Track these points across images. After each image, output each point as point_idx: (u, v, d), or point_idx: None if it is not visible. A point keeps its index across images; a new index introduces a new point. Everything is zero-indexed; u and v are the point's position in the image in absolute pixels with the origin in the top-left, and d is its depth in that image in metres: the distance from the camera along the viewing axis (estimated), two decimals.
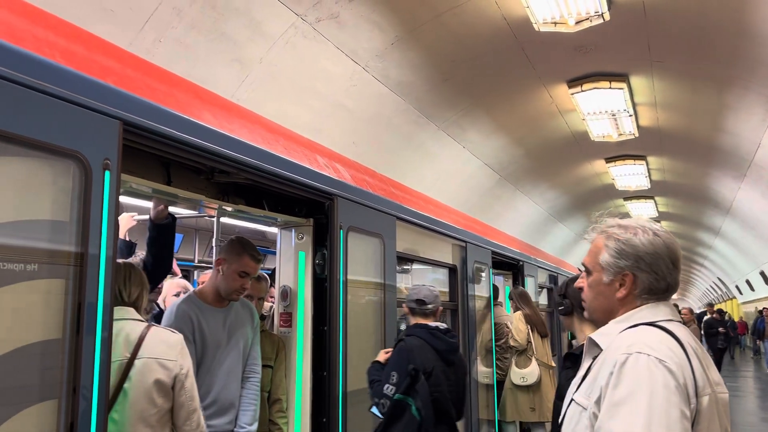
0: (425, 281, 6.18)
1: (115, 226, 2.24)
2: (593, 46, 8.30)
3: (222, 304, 3.51)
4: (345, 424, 3.63)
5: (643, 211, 18.61)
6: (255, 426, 3.47)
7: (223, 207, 3.49)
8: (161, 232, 3.62)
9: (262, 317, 3.99)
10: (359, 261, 3.95)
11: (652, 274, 1.90)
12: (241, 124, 3.16)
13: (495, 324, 7.13)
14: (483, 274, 6.42)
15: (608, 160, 13.23)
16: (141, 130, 2.39)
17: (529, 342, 6.95)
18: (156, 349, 2.70)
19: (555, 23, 7.56)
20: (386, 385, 3.49)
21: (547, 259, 10.52)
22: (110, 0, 4.82)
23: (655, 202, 17.34)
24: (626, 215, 17.02)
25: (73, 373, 2.07)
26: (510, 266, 7.99)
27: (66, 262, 2.09)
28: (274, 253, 4.02)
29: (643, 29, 7.76)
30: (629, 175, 14.19)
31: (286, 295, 3.82)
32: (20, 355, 1.96)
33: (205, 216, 4.04)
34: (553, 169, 13.78)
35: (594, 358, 1.89)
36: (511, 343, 7.04)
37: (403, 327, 4.76)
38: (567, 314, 3.18)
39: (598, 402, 1.72)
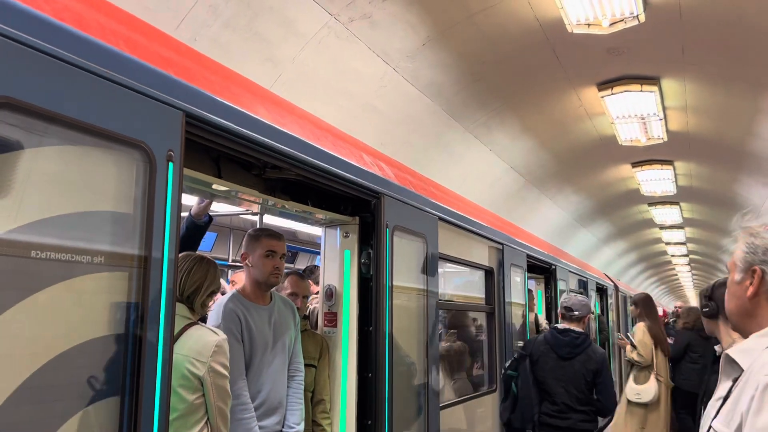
0: (461, 282, 6.11)
1: (177, 219, 2.19)
2: (626, 49, 8.19)
3: (265, 300, 3.45)
4: (391, 427, 3.56)
5: (667, 218, 18.38)
6: (302, 425, 3.41)
7: (276, 202, 3.41)
8: (195, 231, 3.58)
9: (305, 317, 3.93)
10: (404, 261, 3.89)
11: None
12: (292, 120, 3.11)
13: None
14: (519, 278, 6.32)
15: (635, 164, 13.08)
16: (202, 122, 2.34)
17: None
18: (188, 348, 2.70)
19: (589, 24, 7.47)
20: (506, 363, 4.97)
21: (575, 263, 10.40)
22: None
23: (680, 207, 17.11)
24: None
25: (137, 370, 2.02)
26: (542, 270, 7.88)
27: (130, 255, 2.05)
28: (305, 251, 3.97)
29: (678, 31, 7.63)
30: (655, 181, 14.01)
31: (331, 294, 3.76)
32: (83, 350, 1.91)
33: (248, 213, 4.00)
34: (578, 173, 13.64)
35: (734, 380, 1.70)
36: (635, 358, 6.50)
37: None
38: (711, 317, 3.22)
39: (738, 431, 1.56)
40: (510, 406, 4.72)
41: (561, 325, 4.86)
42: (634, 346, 6.63)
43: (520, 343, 5.25)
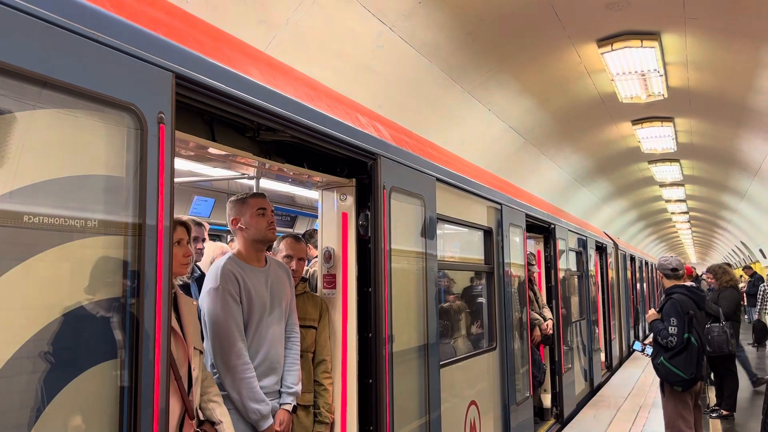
0: (460, 243, 6.12)
1: (171, 183, 2.17)
2: (626, 3, 8.04)
3: (261, 263, 3.47)
4: (392, 385, 3.60)
5: (667, 175, 18.32)
6: (300, 386, 3.46)
7: (271, 165, 3.38)
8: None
9: (304, 279, 3.94)
10: (402, 222, 3.88)
11: None
12: (286, 81, 3.07)
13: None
14: (518, 238, 6.33)
15: (635, 122, 12.97)
16: (193, 84, 2.31)
17: None
18: None
19: None
20: (669, 327, 5.36)
21: (575, 222, 10.40)
22: None
23: (680, 165, 17.04)
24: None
25: (135, 335, 2.03)
26: (541, 229, 7.89)
27: (122, 218, 2.04)
28: (304, 215, 3.96)
29: None
30: (655, 138, 13.92)
31: (330, 256, 3.77)
32: (77, 315, 1.92)
33: (245, 177, 3.99)
34: (578, 132, 13.54)
35: None
36: None
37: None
38: None
39: None
40: (696, 360, 5.30)
41: (690, 283, 5.69)
42: None
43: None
